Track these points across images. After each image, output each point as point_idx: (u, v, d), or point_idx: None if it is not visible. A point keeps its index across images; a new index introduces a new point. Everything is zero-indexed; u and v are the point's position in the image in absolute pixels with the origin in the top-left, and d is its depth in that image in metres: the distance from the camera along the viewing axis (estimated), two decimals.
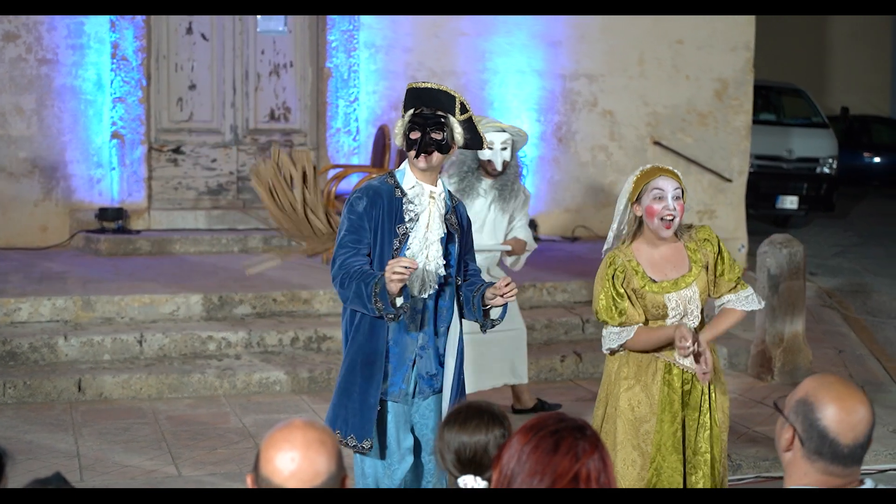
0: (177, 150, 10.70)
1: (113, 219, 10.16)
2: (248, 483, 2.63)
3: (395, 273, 4.29)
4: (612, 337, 4.65)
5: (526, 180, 7.87)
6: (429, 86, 4.69)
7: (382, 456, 4.69)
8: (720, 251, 4.73)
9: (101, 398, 7.40)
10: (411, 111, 4.64)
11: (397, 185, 4.69)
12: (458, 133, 4.63)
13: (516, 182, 6.94)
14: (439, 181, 4.75)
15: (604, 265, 4.66)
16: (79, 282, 8.75)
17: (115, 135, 10.31)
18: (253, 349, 8.02)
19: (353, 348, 4.67)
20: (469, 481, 3.17)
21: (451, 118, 4.62)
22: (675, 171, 4.66)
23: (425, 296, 4.65)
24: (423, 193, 4.69)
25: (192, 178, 10.74)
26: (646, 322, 4.66)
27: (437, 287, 4.66)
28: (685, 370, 4.66)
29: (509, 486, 2.57)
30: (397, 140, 4.73)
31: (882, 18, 23.11)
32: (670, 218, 4.54)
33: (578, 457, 2.53)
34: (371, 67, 10.75)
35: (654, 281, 4.60)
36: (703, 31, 11.52)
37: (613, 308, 4.59)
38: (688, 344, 4.43)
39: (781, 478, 2.96)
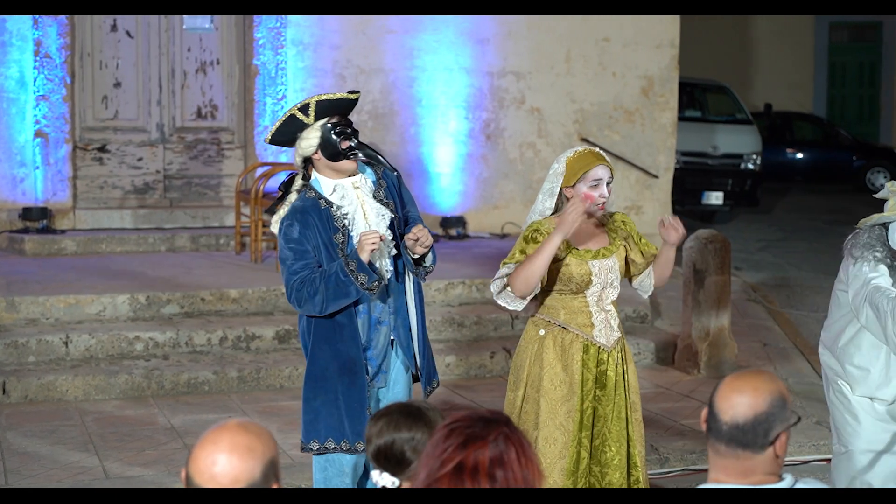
0: (102, 149, 10.58)
1: (37, 218, 10.03)
2: (181, 478, 2.62)
3: (370, 242, 4.52)
4: (501, 272, 4.78)
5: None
6: (342, 96, 4.79)
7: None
8: (635, 232, 5.02)
9: (26, 400, 7.31)
10: (325, 121, 4.73)
11: (319, 196, 4.76)
12: None
13: None
14: (357, 170, 4.85)
15: (527, 229, 4.88)
16: (2, 282, 8.62)
17: (38, 133, 10.17)
18: (181, 349, 7.96)
19: (325, 356, 4.74)
20: (377, 477, 3.19)
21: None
22: (605, 155, 4.92)
23: (388, 276, 4.78)
24: (348, 190, 4.76)
25: (117, 177, 10.63)
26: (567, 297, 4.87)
27: (392, 270, 4.80)
28: (601, 349, 4.83)
29: (417, 478, 2.62)
30: (308, 152, 4.74)
31: (804, 17, 23.44)
32: (603, 201, 4.84)
33: (465, 446, 2.56)
34: (299, 65, 10.71)
35: (577, 248, 4.84)
36: (629, 28, 11.62)
37: (520, 252, 4.78)
38: (579, 207, 4.67)
39: (707, 470, 3.02)
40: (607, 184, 4.84)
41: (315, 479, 4.87)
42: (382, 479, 3.19)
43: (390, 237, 4.77)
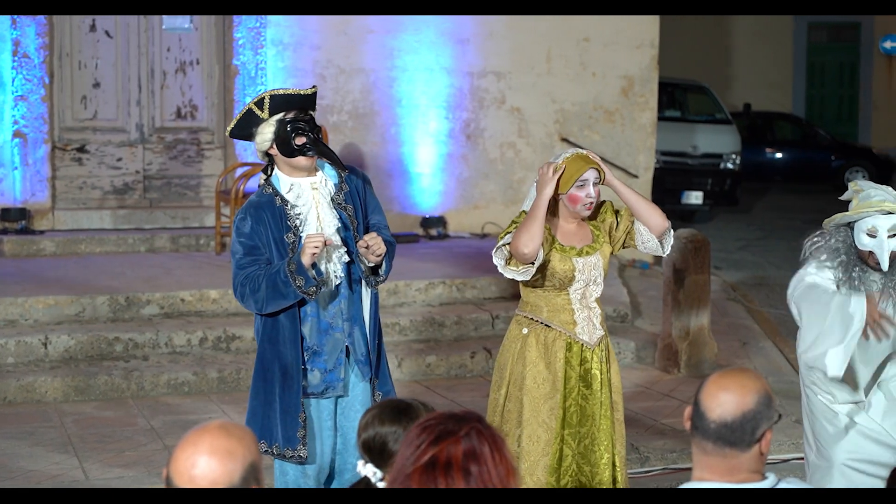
0: (81, 149, 10.54)
1: (16, 219, 9.98)
2: (163, 478, 2.62)
3: (312, 245, 4.44)
4: (503, 241, 4.80)
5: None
6: (295, 91, 4.74)
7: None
8: (616, 212, 5.10)
9: (4, 402, 7.27)
10: (281, 116, 4.66)
11: (276, 193, 4.71)
12: None
13: None
14: (318, 170, 4.79)
15: (516, 218, 4.90)
16: None
17: (17, 134, 10.12)
18: (161, 350, 7.94)
19: (268, 356, 4.68)
20: (362, 468, 3.24)
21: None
22: (596, 159, 5.01)
23: (337, 282, 4.69)
24: (304, 189, 4.71)
25: (97, 178, 10.59)
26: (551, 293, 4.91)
27: (343, 276, 4.71)
28: (584, 346, 4.87)
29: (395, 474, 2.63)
30: (264, 146, 4.70)
31: (783, 18, 23.52)
32: (591, 201, 4.91)
33: (437, 442, 2.57)
34: (279, 65, 10.69)
35: (562, 245, 4.89)
36: (609, 28, 11.63)
37: (513, 224, 4.83)
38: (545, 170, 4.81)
39: (689, 469, 3.03)
40: (594, 184, 4.89)
41: (276, 481, 4.80)
42: (366, 469, 3.24)
43: (339, 242, 4.69)
